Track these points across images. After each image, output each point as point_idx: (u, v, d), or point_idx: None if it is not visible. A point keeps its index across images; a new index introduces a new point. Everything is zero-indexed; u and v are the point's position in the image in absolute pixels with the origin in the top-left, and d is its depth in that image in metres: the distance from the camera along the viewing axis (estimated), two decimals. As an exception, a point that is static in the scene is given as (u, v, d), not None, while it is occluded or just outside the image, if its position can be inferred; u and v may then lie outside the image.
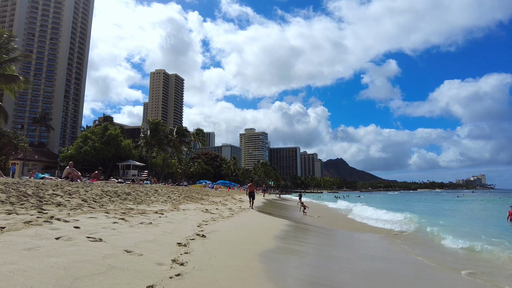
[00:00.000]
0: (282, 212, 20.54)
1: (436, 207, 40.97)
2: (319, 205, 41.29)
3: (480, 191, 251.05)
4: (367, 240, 11.37)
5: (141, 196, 12.94)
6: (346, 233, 13.47)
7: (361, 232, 13.72)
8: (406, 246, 10.04)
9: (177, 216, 9.04)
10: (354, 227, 15.91)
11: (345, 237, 12.35)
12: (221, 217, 10.57)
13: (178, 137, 62.17)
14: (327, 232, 12.42)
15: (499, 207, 35.65)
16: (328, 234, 12.02)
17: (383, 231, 14.50)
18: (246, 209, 15.71)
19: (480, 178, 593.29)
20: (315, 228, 13.12)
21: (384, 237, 12.13)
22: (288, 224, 12.31)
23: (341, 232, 13.46)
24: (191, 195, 19.28)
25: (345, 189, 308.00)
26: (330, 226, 15.12)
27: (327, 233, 12.26)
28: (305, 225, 13.89)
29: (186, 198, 16.07)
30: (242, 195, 34.84)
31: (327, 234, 11.98)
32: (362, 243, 10.52)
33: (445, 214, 27.89)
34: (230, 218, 10.83)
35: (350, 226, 16.33)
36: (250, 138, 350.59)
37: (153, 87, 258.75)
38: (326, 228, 13.90)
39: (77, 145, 52.31)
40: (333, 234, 12.45)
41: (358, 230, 14.74)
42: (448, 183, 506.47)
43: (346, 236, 12.65)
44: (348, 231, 14.05)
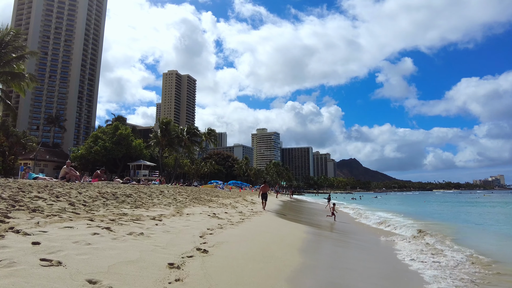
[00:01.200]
0: (300, 216, 19.03)
1: (472, 211, 32.65)
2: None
3: (499, 192, 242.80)
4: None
5: (142, 199, 11.71)
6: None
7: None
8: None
9: (178, 222, 7.72)
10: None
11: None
12: (230, 223, 9.20)
13: (189, 137, 61.26)
14: (366, 245, 10.90)
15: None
16: (369, 246, 10.51)
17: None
18: (259, 213, 14.33)
19: (499, 179, 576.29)
20: (346, 237, 11.59)
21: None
22: (310, 232, 10.82)
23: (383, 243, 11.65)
24: (199, 196, 18.02)
25: (358, 189, 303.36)
26: (363, 233, 13.51)
27: (366, 245, 10.74)
28: (332, 233, 12.40)
29: (193, 200, 14.79)
30: (254, 196, 33.47)
31: (368, 246, 10.48)
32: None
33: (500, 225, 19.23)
34: (241, 224, 9.45)
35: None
36: (262, 138, 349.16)
37: (166, 88, 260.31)
38: (358, 236, 12.38)
39: (87, 145, 51.94)
40: (373, 246, 10.88)
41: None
42: (465, 183, 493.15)
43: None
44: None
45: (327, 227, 14.42)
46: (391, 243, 10.64)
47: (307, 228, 11.92)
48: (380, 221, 17.85)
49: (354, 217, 23.08)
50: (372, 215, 22.16)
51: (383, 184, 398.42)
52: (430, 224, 16.97)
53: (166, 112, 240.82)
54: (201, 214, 10.10)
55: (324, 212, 21.40)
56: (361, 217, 22.36)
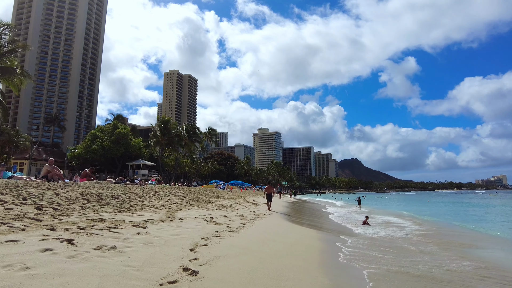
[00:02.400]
0: (309, 219, 17.67)
1: (486, 212, 31.75)
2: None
3: (504, 192, 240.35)
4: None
5: (131, 200, 10.40)
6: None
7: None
8: None
9: (167, 230, 6.40)
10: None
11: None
12: (229, 229, 7.87)
13: (188, 136, 59.99)
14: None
15: None
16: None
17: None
18: (262, 215, 12.99)
19: (501, 179, 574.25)
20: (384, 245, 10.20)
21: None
22: (326, 239, 9.45)
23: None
24: (197, 197, 16.71)
25: (360, 189, 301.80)
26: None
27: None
28: (354, 238, 11.03)
29: (190, 202, 13.48)
30: (256, 197, 32.14)
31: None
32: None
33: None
34: (242, 230, 8.12)
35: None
36: (263, 138, 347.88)
37: (167, 87, 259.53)
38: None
39: (85, 144, 50.73)
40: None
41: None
42: (467, 183, 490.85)
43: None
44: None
45: (345, 232, 13.01)
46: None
47: (321, 234, 10.55)
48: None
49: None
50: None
51: (385, 184, 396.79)
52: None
53: (167, 112, 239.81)
54: (196, 219, 8.78)
55: (338, 214, 19.94)
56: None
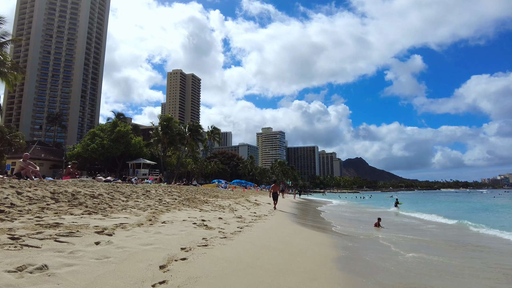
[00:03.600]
0: (314, 220, 16.25)
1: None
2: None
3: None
4: None
5: (113, 201, 9.09)
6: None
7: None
8: None
9: (139, 238, 5.05)
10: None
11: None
12: (222, 235, 6.51)
13: (191, 134, 58.76)
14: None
15: None
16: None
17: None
18: (263, 217, 11.62)
19: (508, 177, 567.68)
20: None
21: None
22: (339, 245, 8.01)
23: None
24: (194, 197, 15.39)
25: (365, 188, 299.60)
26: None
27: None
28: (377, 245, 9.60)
29: (183, 202, 12.15)
30: (259, 196, 30.78)
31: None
32: None
33: None
34: (237, 236, 6.75)
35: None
36: (267, 137, 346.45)
37: (170, 87, 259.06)
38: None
39: (84, 143, 49.68)
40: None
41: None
42: (473, 182, 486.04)
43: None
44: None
45: (358, 236, 11.53)
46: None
47: (332, 238, 9.13)
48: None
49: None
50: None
51: (390, 184, 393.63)
52: None
53: (171, 112, 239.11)
54: (184, 222, 7.43)
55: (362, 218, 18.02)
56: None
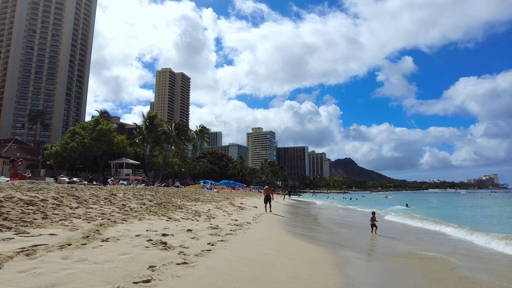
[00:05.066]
0: (309, 227, 14.62)
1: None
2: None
3: (499, 191, 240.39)
4: None
5: (56, 208, 7.31)
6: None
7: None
8: None
9: (41, 273, 3.33)
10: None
11: None
12: (181, 258, 4.83)
13: (177, 134, 56.70)
14: None
15: None
16: None
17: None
18: (245, 225, 9.92)
19: (493, 178, 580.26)
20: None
21: None
22: (346, 264, 6.33)
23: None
24: (169, 201, 13.62)
25: (354, 189, 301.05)
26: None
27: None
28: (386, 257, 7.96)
29: (152, 208, 10.40)
30: (245, 198, 29.06)
31: None
32: None
33: None
34: (200, 260, 5.06)
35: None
36: (258, 138, 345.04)
37: (159, 86, 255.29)
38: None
39: (63, 141, 47.16)
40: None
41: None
42: (459, 182, 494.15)
43: None
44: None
45: (371, 252, 9.89)
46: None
47: (334, 253, 7.48)
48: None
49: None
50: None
51: (378, 184, 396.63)
52: None
53: (160, 111, 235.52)
54: (136, 239, 5.71)
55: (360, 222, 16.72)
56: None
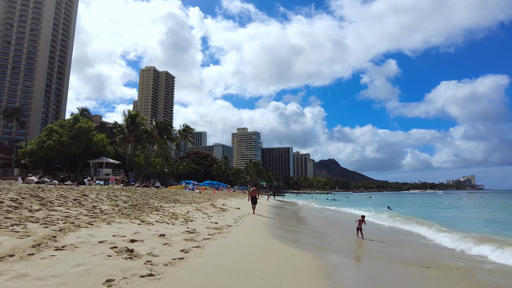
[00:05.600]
0: (295, 229, 14.11)
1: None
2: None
3: (479, 192, 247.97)
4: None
5: (10, 212, 6.54)
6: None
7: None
8: None
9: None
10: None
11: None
12: (146, 270, 4.23)
13: (159, 133, 55.41)
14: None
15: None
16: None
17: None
18: (225, 228, 9.34)
19: (470, 179, 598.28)
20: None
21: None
22: (342, 272, 5.90)
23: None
24: (146, 202, 12.88)
25: (337, 189, 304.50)
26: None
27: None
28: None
29: (126, 210, 9.68)
30: (228, 199, 28.41)
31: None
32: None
33: None
34: (168, 271, 4.46)
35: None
36: (242, 138, 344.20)
37: (143, 84, 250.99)
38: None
39: (40, 139, 45.18)
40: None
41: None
42: (439, 183, 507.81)
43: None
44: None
45: (361, 255, 9.42)
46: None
47: (322, 258, 6.96)
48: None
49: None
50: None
51: (361, 184, 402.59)
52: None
53: (143, 110, 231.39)
54: (99, 246, 5.06)
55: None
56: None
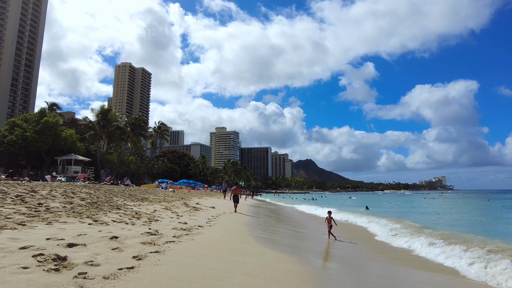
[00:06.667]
0: (273, 228, 13.10)
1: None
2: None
3: (449, 192, 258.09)
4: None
5: None
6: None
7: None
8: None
9: None
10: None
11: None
12: (73, 286, 3.00)
13: (132, 129, 53.06)
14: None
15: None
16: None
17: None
18: (195, 229, 8.16)
19: (441, 180, 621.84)
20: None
21: None
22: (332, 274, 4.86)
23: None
24: (109, 200, 11.47)
25: (314, 189, 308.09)
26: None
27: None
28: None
29: (80, 208, 8.31)
30: (204, 198, 27.10)
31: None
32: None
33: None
34: (110, 284, 3.28)
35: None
36: (221, 137, 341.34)
37: (118, 81, 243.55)
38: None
39: (0, 133, 41.98)
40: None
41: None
42: (412, 184, 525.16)
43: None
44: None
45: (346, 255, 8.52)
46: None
47: (305, 261, 5.97)
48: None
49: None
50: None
51: (337, 184, 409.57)
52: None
53: (118, 107, 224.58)
54: (15, 254, 3.80)
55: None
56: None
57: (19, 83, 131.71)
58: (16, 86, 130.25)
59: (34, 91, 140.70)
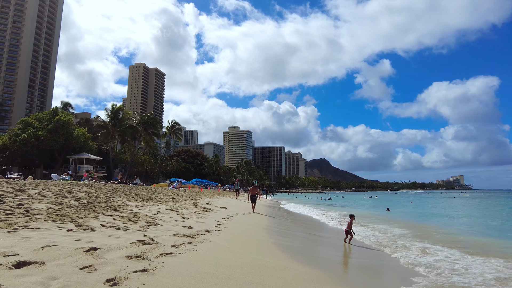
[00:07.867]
0: (298, 234, 11.69)
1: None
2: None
3: (469, 191, 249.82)
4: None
5: None
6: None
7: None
8: None
9: None
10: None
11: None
12: None
13: (145, 128, 52.44)
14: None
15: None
16: None
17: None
18: (200, 236, 6.83)
19: (459, 179, 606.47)
20: None
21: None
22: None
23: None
24: (108, 200, 10.31)
25: (329, 188, 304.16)
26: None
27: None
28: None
29: (67, 210, 7.12)
30: (215, 198, 25.87)
31: None
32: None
33: None
34: None
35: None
36: (234, 137, 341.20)
37: (132, 82, 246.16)
38: None
39: (13, 132, 41.89)
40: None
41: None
42: (429, 183, 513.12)
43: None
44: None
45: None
46: None
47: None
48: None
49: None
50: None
51: (352, 184, 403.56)
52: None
53: (132, 108, 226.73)
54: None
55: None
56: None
57: (36, 84, 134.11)
58: (33, 87, 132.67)
59: (50, 92, 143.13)
